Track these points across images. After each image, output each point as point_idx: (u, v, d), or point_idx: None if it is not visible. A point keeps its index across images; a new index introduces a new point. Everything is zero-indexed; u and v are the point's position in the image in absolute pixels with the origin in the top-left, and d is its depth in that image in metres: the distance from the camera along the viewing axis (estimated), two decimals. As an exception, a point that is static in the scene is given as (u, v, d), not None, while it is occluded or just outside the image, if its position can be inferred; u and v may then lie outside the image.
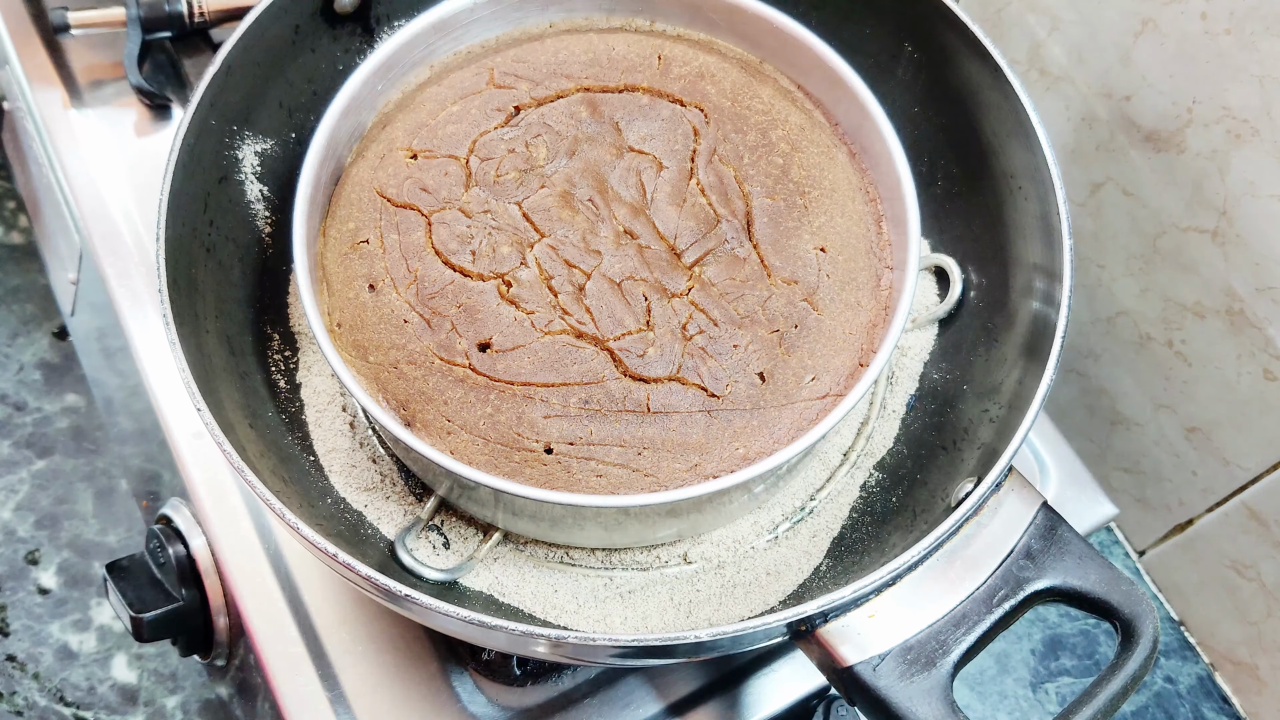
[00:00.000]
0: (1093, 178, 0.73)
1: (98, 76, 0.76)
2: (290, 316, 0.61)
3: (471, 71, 0.55)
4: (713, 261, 0.52)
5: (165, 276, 0.52)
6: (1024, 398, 0.53)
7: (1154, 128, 0.67)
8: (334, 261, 0.53)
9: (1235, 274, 0.66)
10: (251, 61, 0.58)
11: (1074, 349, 0.80)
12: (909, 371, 0.62)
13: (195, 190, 0.56)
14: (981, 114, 0.59)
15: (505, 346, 0.50)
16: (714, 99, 0.55)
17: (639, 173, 0.53)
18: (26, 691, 0.80)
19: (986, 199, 0.61)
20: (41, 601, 0.83)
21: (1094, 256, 0.75)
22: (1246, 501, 0.71)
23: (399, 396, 0.50)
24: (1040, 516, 0.51)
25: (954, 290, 0.61)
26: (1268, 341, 0.65)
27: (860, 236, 0.54)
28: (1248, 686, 0.77)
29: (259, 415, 0.56)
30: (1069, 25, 0.70)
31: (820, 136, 0.55)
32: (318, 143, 0.52)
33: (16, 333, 0.93)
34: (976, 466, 0.54)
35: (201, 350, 0.53)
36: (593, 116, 0.54)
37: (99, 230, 0.71)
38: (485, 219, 0.52)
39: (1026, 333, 0.56)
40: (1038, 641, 0.78)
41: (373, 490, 0.57)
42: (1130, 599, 0.49)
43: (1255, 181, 0.62)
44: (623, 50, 0.56)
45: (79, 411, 0.90)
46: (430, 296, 0.51)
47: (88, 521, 0.86)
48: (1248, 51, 0.60)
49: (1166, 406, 0.74)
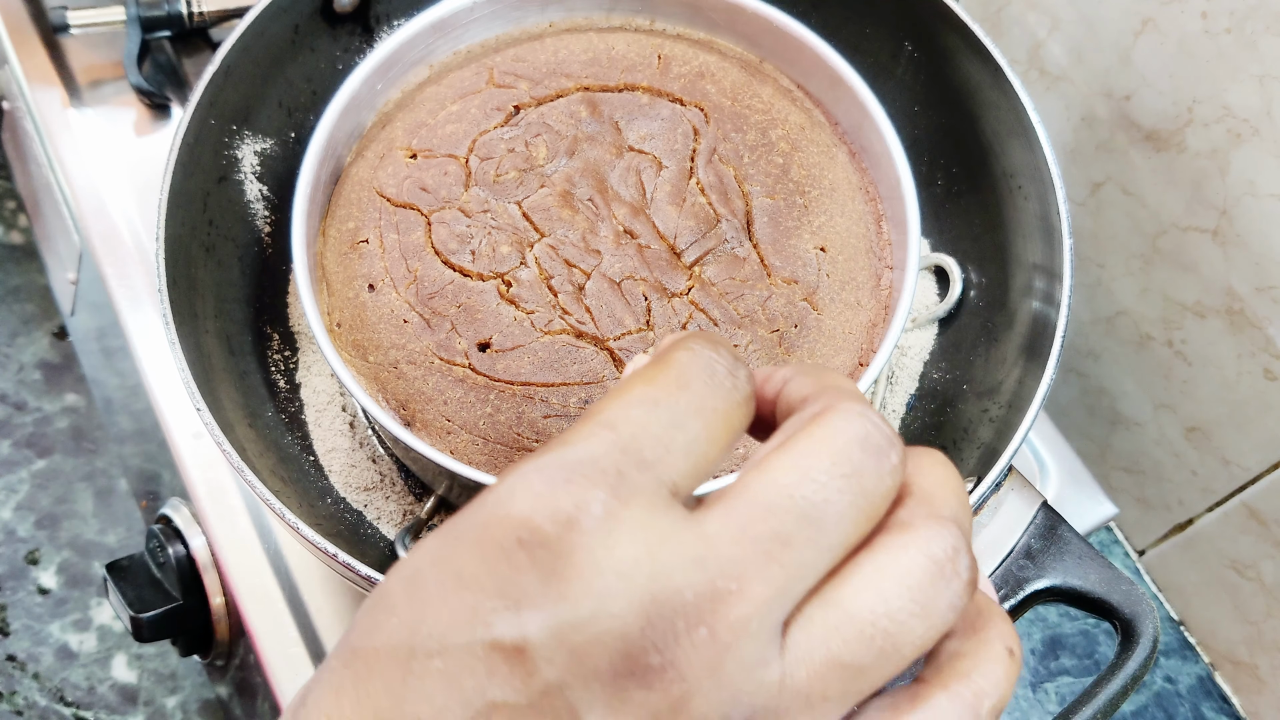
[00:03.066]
0: (1093, 177, 0.73)
1: (97, 76, 0.76)
2: (290, 316, 0.61)
3: (471, 71, 0.55)
4: (713, 261, 0.52)
5: (165, 276, 0.52)
6: (1024, 397, 0.53)
7: (1154, 127, 0.67)
8: (333, 261, 0.53)
9: (1235, 274, 0.65)
10: (251, 61, 0.58)
11: (1074, 349, 0.80)
12: (909, 371, 0.62)
13: (194, 190, 0.56)
14: (981, 114, 0.59)
15: (505, 346, 0.50)
16: (714, 98, 0.55)
17: (639, 172, 0.53)
18: (26, 691, 0.80)
19: (986, 199, 0.61)
20: (41, 601, 0.83)
21: (1094, 256, 0.75)
22: (1246, 501, 0.71)
23: (399, 396, 0.50)
24: (1040, 516, 0.51)
25: (954, 290, 0.61)
26: (1268, 341, 0.65)
27: (860, 236, 0.54)
28: (1248, 686, 0.77)
29: (258, 415, 0.56)
30: (1069, 25, 0.70)
31: (820, 136, 0.55)
32: (317, 142, 0.52)
33: (16, 333, 0.93)
34: (976, 466, 0.54)
35: (201, 350, 0.53)
36: (592, 116, 0.54)
37: (98, 230, 0.70)
38: (485, 218, 0.52)
39: (1026, 332, 0.56)
40: (1038, 641, 0.78)
41: (373, 490, 0.57)
42: (1130, 599, 0.49)
43: (1255, 181, 0.62)
44: (622, 49, 0.56)
45: (79, 411, 0.90)
46: (430, 296, 0.51)
47: (88, 521, 0.86)
48: (1248, 51, 0.60)
49: (1166, 406, 0.74)
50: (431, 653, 0.24)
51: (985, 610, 0.29)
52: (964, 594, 0.26)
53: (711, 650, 0.24)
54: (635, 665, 0.23)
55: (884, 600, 0.25)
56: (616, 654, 0.23)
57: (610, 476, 0.25)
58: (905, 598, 0.25)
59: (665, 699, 0.24)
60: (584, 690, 0.23)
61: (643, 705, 0.24)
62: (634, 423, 0.26)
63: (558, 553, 0.24)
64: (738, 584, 0.24)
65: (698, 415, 0.26)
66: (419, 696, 0.24)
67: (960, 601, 0.26)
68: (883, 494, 0.26)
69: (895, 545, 0.26)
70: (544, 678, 0.24)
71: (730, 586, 0.24)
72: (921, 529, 0.26)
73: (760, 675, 0.24)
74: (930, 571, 0.26)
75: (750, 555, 0.24)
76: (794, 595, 0.25)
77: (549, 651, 0.23)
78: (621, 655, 0.23)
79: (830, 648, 0.25)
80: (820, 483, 0.25)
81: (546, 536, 0.24)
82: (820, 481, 0.25)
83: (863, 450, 0.26)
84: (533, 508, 0.24)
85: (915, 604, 0.25)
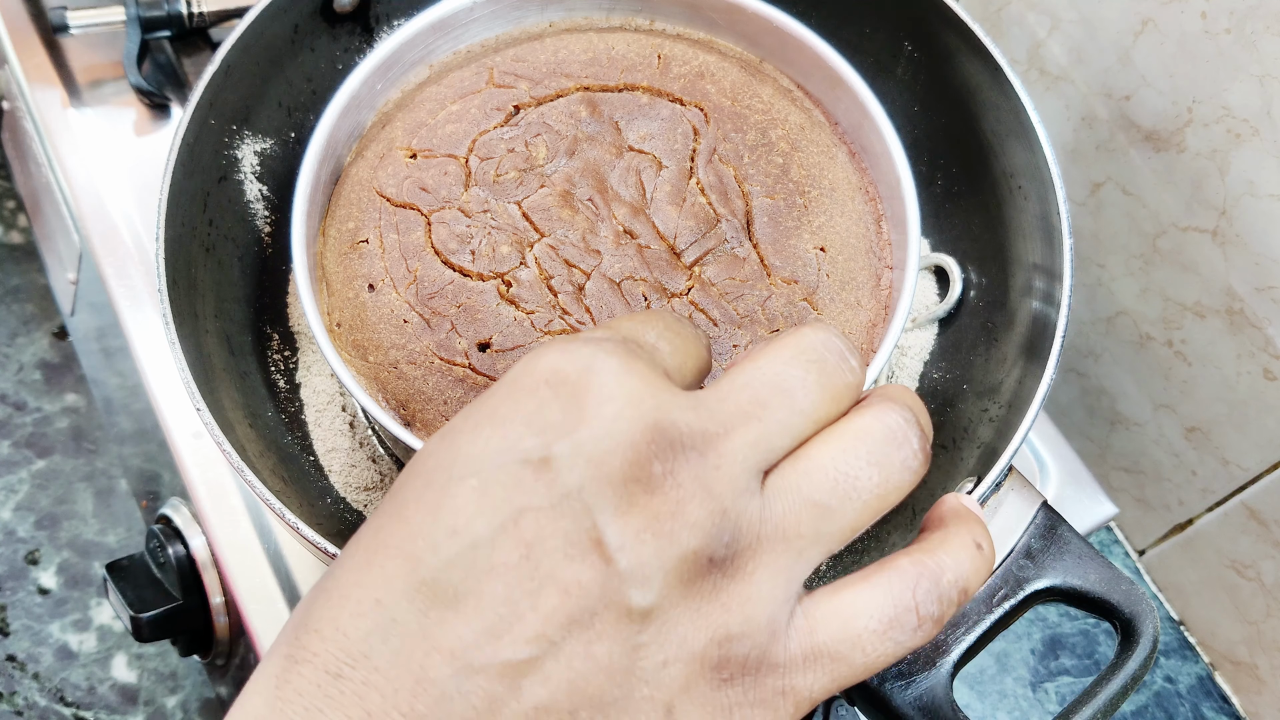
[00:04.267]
0: (1093, 177, 0.73)
1: (97, 76, 0.76)
2: (290, 316, 0.61)
3: (471, 71, 0.55)
4: (712, 261, 0.52)
5: (165, 276, 0.52)
6: (1024, 397, 0.53)
7: (1154, 127, 0.67)
8: (333, 261, 0.53)
9: (1235, 274, 0.65)
10: (251, 61, 0.58)
11: (1074, 349, 0.80)
12: (909, 371, 0.62)
13: (194, 190, 0.56)
14: (981, 114, 0.59)
15: (505, 346, 0.50)
16: (714, 98, 0.55)
17: (639, 172, 0.53)
18: (26, 691, 0.80)
19: (986, 199, 0.61)
20: (41, 601, 0.83)
21: (1094, 256, 0.75)
22: (1246, 501, 0.71)
23: (399, 396, 0.50)
24: (1040, 516, 0.51)
25: (954, 290, 0.61)
26: (1268, 341, 0.65)
27: (860, 236, 0.54)
28: (1248, 686, 0.77)
29: (259, 415, 0.56)
30: (1069, 25, 0.70)
31: (820, 136, 0.55)
32: (317, 142, 0.52)
33: (16, 333, 0.93)
34: (976, 466, 0.54)
35: (201, 350, 0.53)
36: (592, 116, 0.54)
37: (98, 230, 0.70)
38: (485, 219, 0.52)
39: (1026, 332, 0.56)
40: (1038, 641, 0.78)
41: (373, 490, 0.57)
42: (1130, 599, 0.49)
43: (1255, 181, 0.62)
44: (622, 49, 0.56)
45: (79, 411, 0.90)
46: (430, 296, 0.51)
47: (88, 521, 0.86)
48: (1248, 51, 0.60)
49: (1166, 406, 0.74)
50: (465, 474, 0.28)
51: (961, 513, 0.34)
52: (916, 457, 0.32)
53: (703, 468, 0.29)
54: (641, 472, 0.28)
55: (844, 450, 0.31)
56: (626, 462, 0.28)
57: (620, 347, 0.30)
58: (862, 450, 0.31)
59: (665, 503, 0.28)
60: (598, 494, 0.28)
61: (646, 509, 0.28)
62: (629, 328, 0.32)
63: (578, 388, 0.28)
64: (724, 429, 0.29)
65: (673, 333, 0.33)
66: (453, 509, 0.28)
67: (914, 463, 0.31)
68: (844, 384, 0.32)
69: (854, 414, 0.32)
70: (564, 482, 0.28)
71: (718, 430, 0.29)
72: (877, 405, 0.32)
73: (744, 501, 0.29)
74: (883, 434, 0.31)
75: (733, 411, 0.30)
76: (770, 448, 0.30)
77: (569, 461, 0.28)
78: (631, 463, 0.28)
79: (801, 488, 0.30)
80: (790, 366, 0.31)
81: (568, 376, 0.29)
82: (789, 365, 0.31)
83: (825, 347, 0.32)
84: (557, 360, 0.29)
85: (871, 455, 0.31)
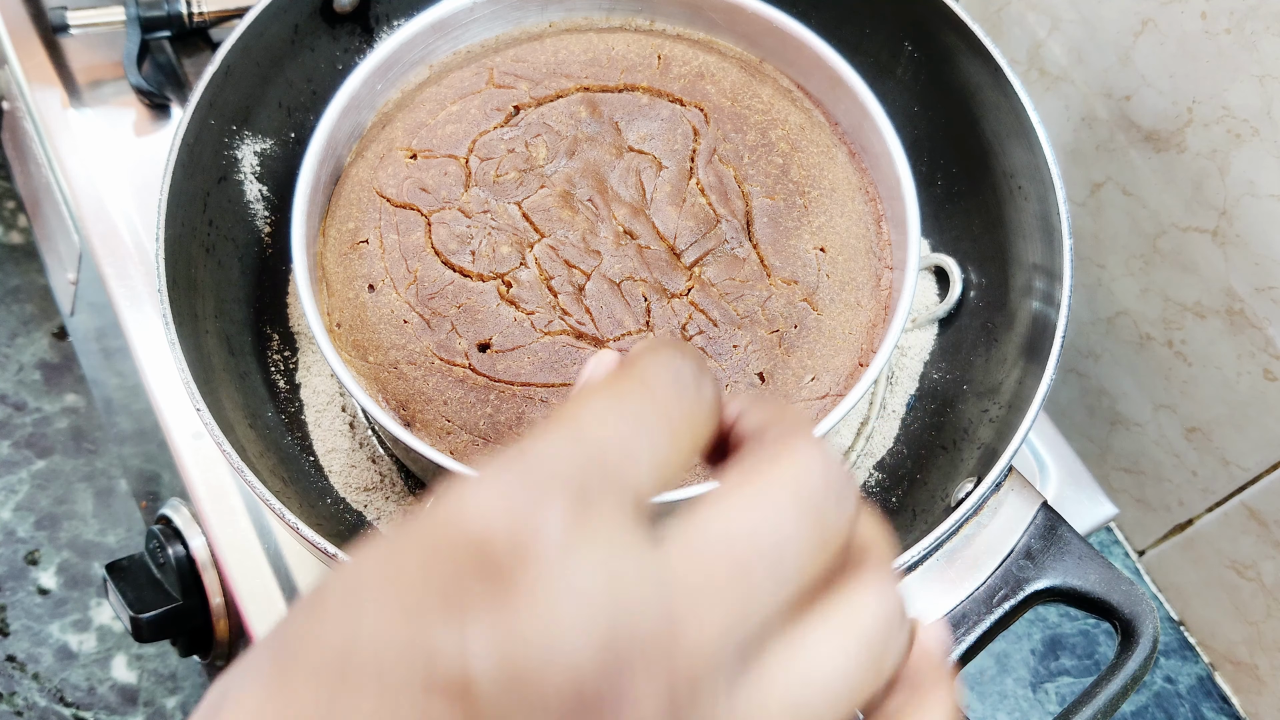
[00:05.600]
0: (1093, 177, 0.73)
1: (97, 76, 0.76)
2: (290, 316, 0.61)
3: (471, 71, 0.55)
4: (712, 261, 0.52)
5: (164, 276, 0.52)
6: (1024, 398, 0.53)
7: (1154, 128, 0.67)
8: (333, 261, 0.53)
9: (1235, 274, 0.65)
10: (251, 61, 0.58)
11: (1074, 349, 0.80)
12: (909, 371, 0.62)
13: (194, 190, 0.56)
14: (981, 114, 0.59)
15: (505, 347, 0.50)
16: (714, 98, 0.55)
17: (639, 173, 0.53)
18: (26, 692, 0.80)
19: (986, 199, 0.61)
20: (41, 602, 0.83)
21: (1094, 256, 0.75)
22: (1246, 501, 0.71)
23: (398, 396, 0.50)
24: (1040, 516, 0.51)
25: (954, 290, 0.61)
26: (1268, 341, 0.65)
27: (860, 236, 0.54)
28: (1248, 686, 0.77)
29: (259, 415, 0.56)
30: (1069, 25, 0.70)
31: (820, 136, 0.55)
32: (317, 142, 0.52)
33: (16, 333, 0.93)
34: (976, 466, 0.54)
35: (201, 350, 0.53)
36: (592, 116, 0.54)
37: (98, 230, 0.70)
38: (485, 219, 0.52)
39: (1026, 333, 0.56)
40: (1038, 641, 0.78)
41: (373, 490, 0.57)
42: (1130, 599, 0.49)
43: (1255, 181, 0.62)
44: (622, 50, 0.56)
45: (79, 412, 0.90)
46: (430, 296, 0.51)
47: (87, 522, 0.86)
48: (1248, 51, 0.60)
49: (1166, 406, 0.74)
50: (366, 668, 0.22)
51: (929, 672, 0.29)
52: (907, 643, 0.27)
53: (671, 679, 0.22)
54: (586, 703, 0.21)
55: (843, 652, 0.26)
56: (566, 690, 0.21)
57: (571, 488, 0.23)
58: (863, 653, 0.26)
59: None
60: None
61: None
62: (599, 427, 0.25)
63: (509, 572, 0.22)
64: (695, 611, 0.23)
65: (664, 421, 0.26)
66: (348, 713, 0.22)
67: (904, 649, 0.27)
68: (840, 535, 0.26)
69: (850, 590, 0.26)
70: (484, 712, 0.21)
71: (688, 611, 0.23)
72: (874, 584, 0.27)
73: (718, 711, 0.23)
74: (882, 628, 0.26)
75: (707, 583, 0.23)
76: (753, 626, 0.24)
77: (492, 682, 0.21)
78: (573, 692, 0.21)
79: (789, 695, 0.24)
80: (783, 516, 0.25)
81: (498, 544, 0.22)
82: (783, 514, 0.25)
83: (826, 491, 0.26)
84: (487, 520, 0.22)
85: (871, 655, 0.26)
